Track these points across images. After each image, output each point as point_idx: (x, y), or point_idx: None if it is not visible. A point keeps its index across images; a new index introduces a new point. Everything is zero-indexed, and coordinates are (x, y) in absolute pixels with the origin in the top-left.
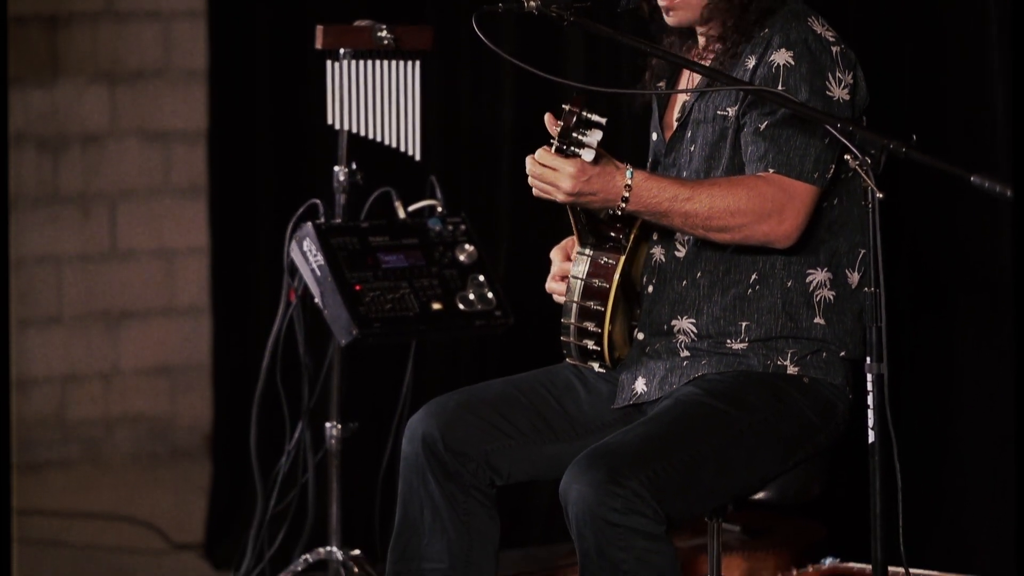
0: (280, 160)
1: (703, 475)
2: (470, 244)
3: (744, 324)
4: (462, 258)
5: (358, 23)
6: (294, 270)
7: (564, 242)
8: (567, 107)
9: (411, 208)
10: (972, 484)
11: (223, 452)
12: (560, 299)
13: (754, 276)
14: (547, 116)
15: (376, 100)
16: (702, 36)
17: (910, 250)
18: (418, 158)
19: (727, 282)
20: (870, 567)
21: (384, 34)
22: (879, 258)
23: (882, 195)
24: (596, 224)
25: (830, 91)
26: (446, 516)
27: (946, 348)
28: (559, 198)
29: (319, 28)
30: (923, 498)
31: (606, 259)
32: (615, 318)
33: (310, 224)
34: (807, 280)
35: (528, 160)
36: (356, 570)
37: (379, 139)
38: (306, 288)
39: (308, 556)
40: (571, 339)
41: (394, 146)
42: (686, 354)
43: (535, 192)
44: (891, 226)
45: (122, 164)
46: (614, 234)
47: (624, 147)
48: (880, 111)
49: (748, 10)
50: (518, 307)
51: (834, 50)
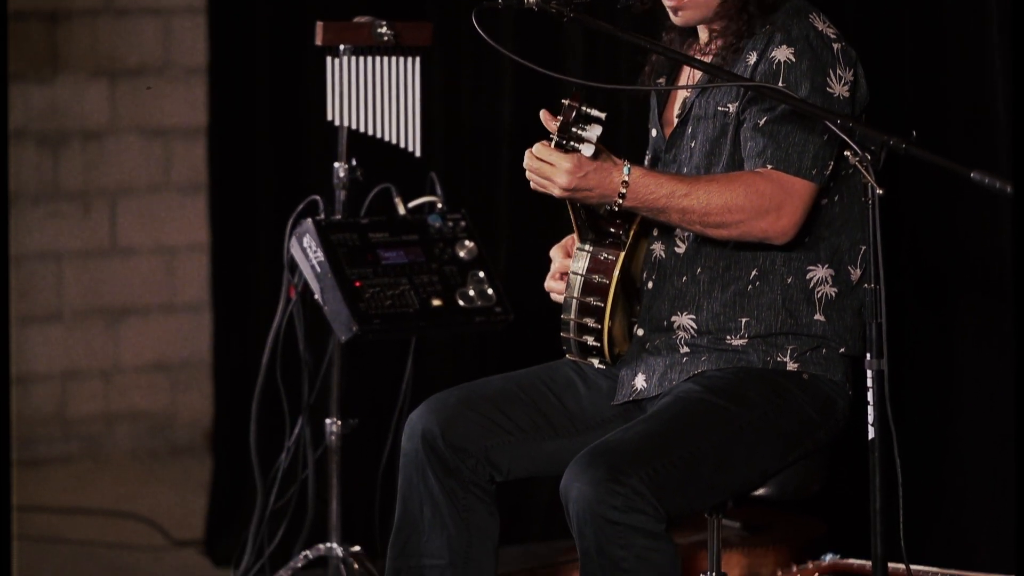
0: (280, 157)
1: (703, 472)
2: (470, 240)
3: (744, 320)
4: (462, 254)
5: (358, 19)
6: (294, 266)
7: (564, 240)
8: (566, 102)
9: (411, 204)
10: (972, 480)
11: (223, 449)
12: (558, 298)
13: (754, 272)
14: (543, 112)
15: (376, 96)
16: (704, 33)
17: (911, 246)
18: (418, 154)
19: (727, 278)
20: (870, 563)
21: (384, 30)
22: (879, 254)
23: (882, 191)
24: (596, 220)
25: (830, 88)
26: (446, 512)
27: (946, 344)
28: (555, 193)
29: (319, 24)
30: (923, 494)
31: (606, 255)
32: (615, 314)
33: (310, 220)
34: (808, 277)
35: (526, 154)
36: (356, 566)
37: (379, 135)
38: (306, 284)
39: (308, 552)
40: (571, 335)
41: (394, 142)
42: (686, 350)
43: (532, 185)
44: (892, 222)
45: (122, 161)
46: (614, 230)
47: (623, 142)
48: (881, 109)
49: (753, 7)
50: (518, 303)
51: (835, 47)
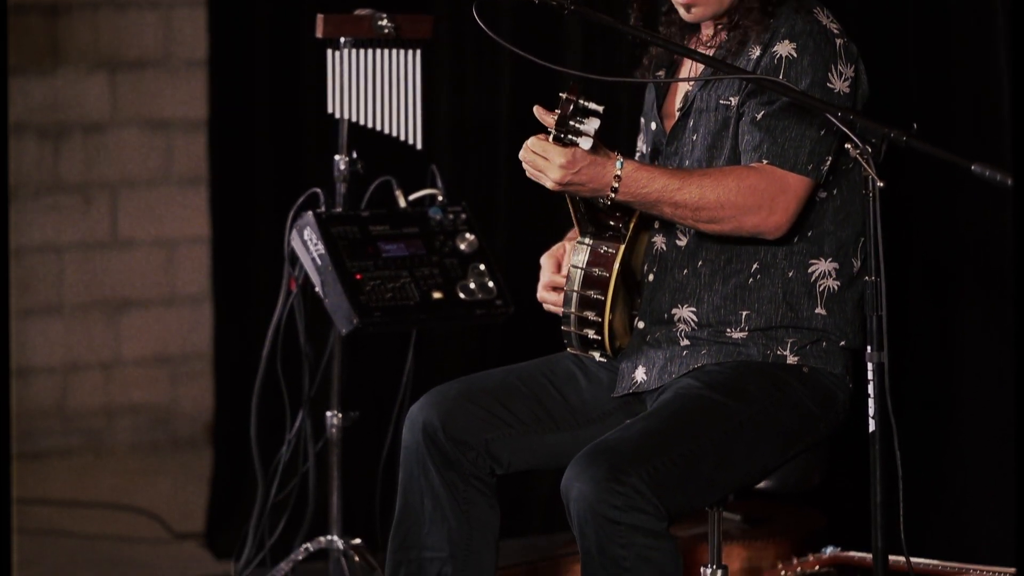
0: (280, 149)
1: (703, 469)
2: (471, 233)
3: (744, 313)
4: (463, 247)
5: (358, 12)
6: (295, 259)
7: (554, 249)
8: (564, 95)
9: (412, 197)
10: (973, 473)
11: (224, 441)
12: (552, 309)
13: (755, 266)
14: (536, 109)
15: (376, 89)
16: (709, 27)
17: (912, 239)
18: (419, 147)
19: (728, 271)
20: (871, 556)
21: (384, 23)
22: (879, 247)
23: (883, 184)
24: (595, 213)
25: (831, 83)
26: (446, 505)
27: (947, 337)
28: (548, 186)
29: (319, 17)
30: (924, 487)
31: (606, 248)
32: (615, 307)
33: (311, 213)
34: (809, 270)
35: (523, 146)
36: (357, 559)
37: (379, 128)
38: (307, 277)
39: (309, 545)
40: (572, 328)
41: (394, 135)
42: (686, 343)
43: (528, 174)
44: (894, 216)
45: (123, 153)
46: (613, 223)
47: (623, 135)
48: (885, 105)
49: (761, 2)
50: (518, 296)
51: (838, 42)
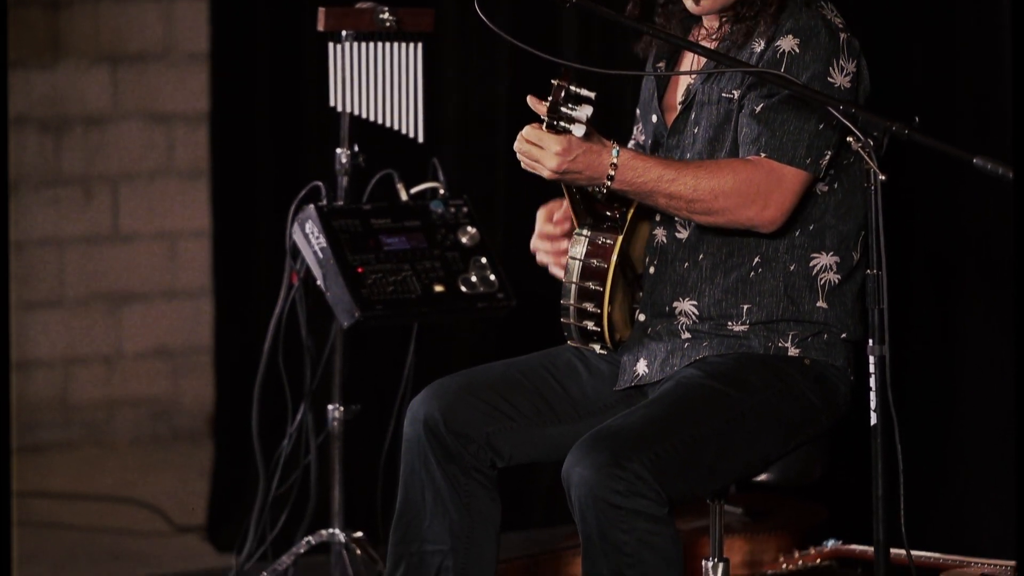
0: (282, 143)
1: (705, 456)
2: (472, 226)
3: (746, 307)
4: (464, 240)
5: (360, 5)
6: (296, 253)
7: (550, 203)
8: (556, 81)
9: (413, 190)
10: (974, 466)
11: (225, 435)
12: (543, 259)
13: (756, 259)
14: (530, 98)
15: (378, 82)
16: (714, 20)
17: (914, 233)
18: (420, 140)
19: (729, 265)
20: (872, 549)
21: (386, 16)
22: (881, 240)
23: (884, 177)
24: (592, 204)
25: (832, 78)
26: (448, 498)
27: (949, 330)
28: (544, 175)
29: (321, 10)
30: (925, 481)
31: (603, 239)
32: (614, 298)
33: (312, 206)
34: (811, 264)
35: (518, 136)
36: (358, 552)
37: (381, 121)
38: (308, 270)
39: (310, 538)
40: (571, 320)
41: (396, 128)
42: (687, 336)
43: (523, 166)
44: (895, 209)
45: (124, 146)
46: (610, 213)
47: (626, 128)
48: (889, 100)
49: None
50: (519, 289)
51: (841, 37)
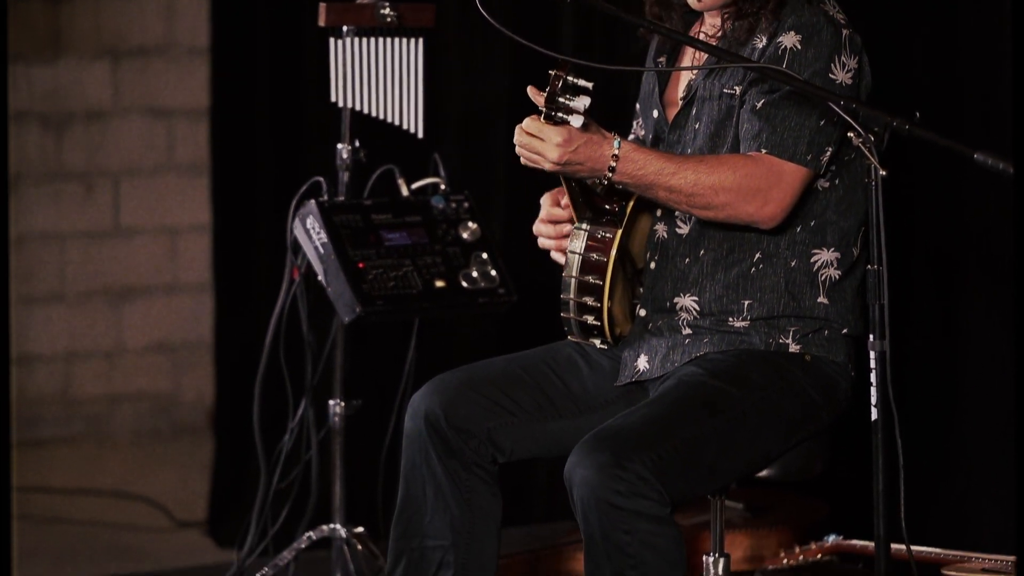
0: (283, 138)
1: (706, 455)
2: (473, 222)
3: (746, 303)
4: (465, 236)
5: (361, 0)
6: (297, 248)
7: (555, 189)
8: (553, 72)
9: (414, 186)
10: (974, 462)
11: (226, 430)
12: (545, 244)
13: (757, 255)
14: (529, 88)
15: (379, 78)
16: (716, 15)
17: (915, 228)
18: (420, 136)
19: (730, 260)
20: (872, 544)
21: (387, 12)
22: (882, 235)
23: (885, 172)
24: (591, 197)
25: (833, 74)
26: (448, 493)
27: (950, 325)
28: (546, 167)
29: (322, 6)
30: (926, 476)
31: (603, 233)
32: (614, 293)
33: (313, 202)
34: (812, 260)
35: (516, 130)
36: (359, 547)
37: (382, 117)
38: (309, 266)
39: (311, 533)
40: (571, 315)
41: (397, 124)
42: (688, 331)
43: (523, 161)
44: (897, 204)
45: (125, 141)
46: (609, 207)
47: (629, 123)
48: (892, 96)
49: None
50: (521, 285)
51: (843, 33)
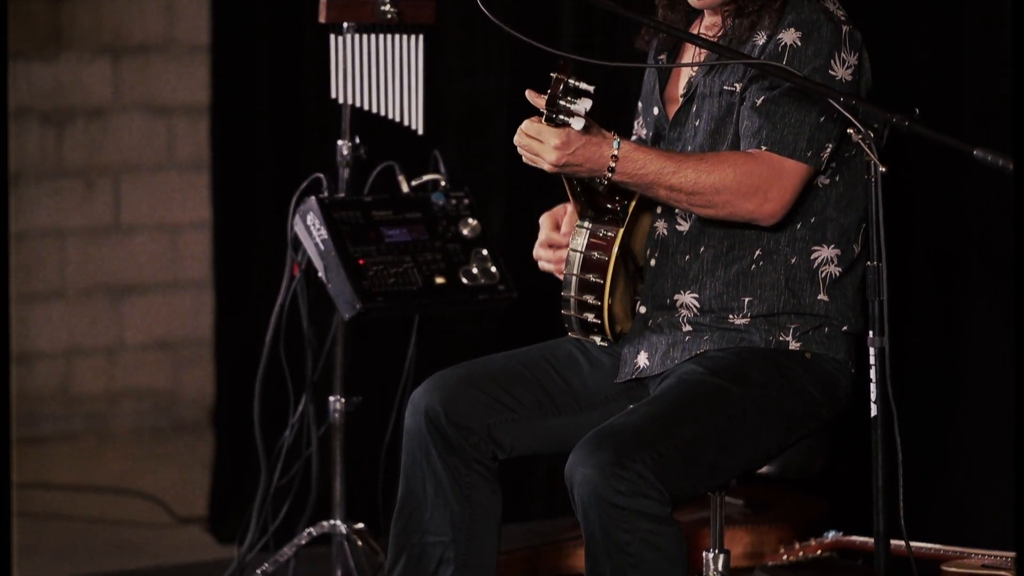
0: (283, 135)
1: (707, 453)
2: (473, 218)
3: (747, 300)
4: (465, 232)
5: None
6: (297, 244)
7: (555, 209)
8: (554, 75)
9: (414, 182)
10: (974, 458)
11: (227, 426)
12: (546, 267)
13: (757, 252)
14: (528, 92)
15: (379, 74)
16: (716, 13)
17: (915, 225)
18: (421, 132)
19: (730, 257)
20: (872, 540)
21: (387, 8)
22: (881, 232)
23: (885, 169)
24: (593, 196)
25: (833, 71)
26: (449, 489)
27: (949, 322)
28: (544, 168)
29: (322, 2)
30: (926, 472)
31: (604, 231)
32: (615, 291)
33: (314, 198)
34: (812, 257)
35: (517, 130)
36: (360, 543)
37: (382, 113)
38: (309, 262)
39: (312, 530)
40: (572, 312)
41: (397, 120)
42: (688, 329)
43: (524, 160)
44: (897, 201)
45: (125, 138)
46: (611, 206)
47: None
48: (894, 93)
49: None
50: (521, 282)
51: (844, 30)
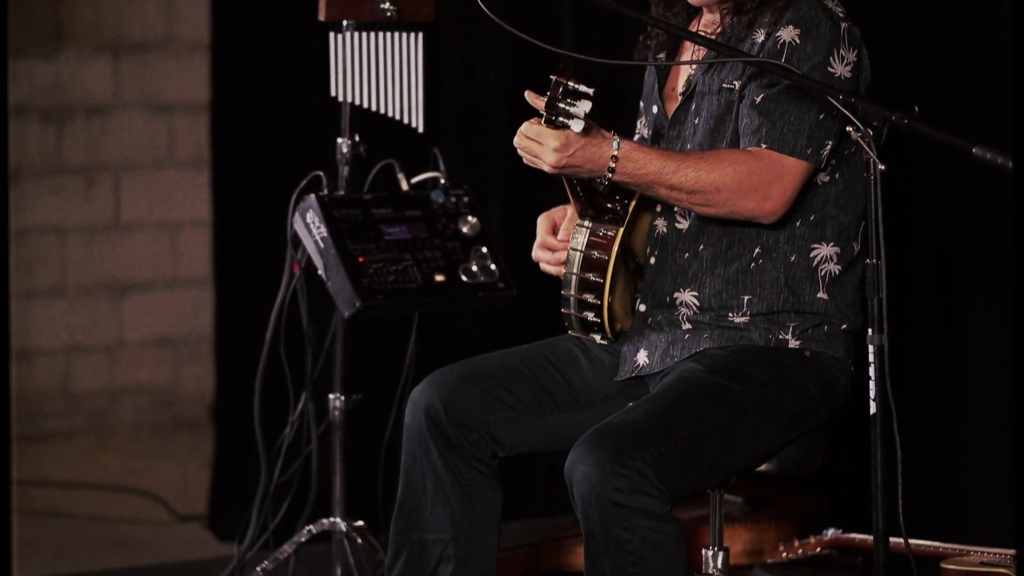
0: (283, 132)
1: (706, 451)
2: (473, 216)
3: (746, 298)
4: (465, 230)
5: None
6: (297, 242)
7: (552, 211)
8: (554, 77)
9: (414, 180)
10: (973, 456)
11: (226, 424)
12: (547, 269)
13: (757, 250)
14: (527, 93)
15: (379, 72)
16: (715, 11)
17: (914, 223)
18: (420, 130)
19: (730, 256)
20: (871, 538)
21: (387, 6)
22: (880, 229)
23: (884, 166)
24: (594, 196)
25: (832, 68)
26: (448, 487)
27: (949, 320)
28: (544, 169)
29: (322, 0)
30: (925, 470)
31: (605, 231)
32: (615, 290)
33: (313, 196)
34: (811, 255)
35: (518, 132)
36: (359, 541)
37: (382, 111)
38: (309, 260)
39: (312, 527)
40: (571, 311)
41: (397, 118)
42: (688, 327)
43: (524, 161)
44: (896, 199)
45: (126, 136)
46: (612, 205)
47: (631, 119)
48: (894, 90)
49: None
50: (520, 280)
51: (842, 27)
